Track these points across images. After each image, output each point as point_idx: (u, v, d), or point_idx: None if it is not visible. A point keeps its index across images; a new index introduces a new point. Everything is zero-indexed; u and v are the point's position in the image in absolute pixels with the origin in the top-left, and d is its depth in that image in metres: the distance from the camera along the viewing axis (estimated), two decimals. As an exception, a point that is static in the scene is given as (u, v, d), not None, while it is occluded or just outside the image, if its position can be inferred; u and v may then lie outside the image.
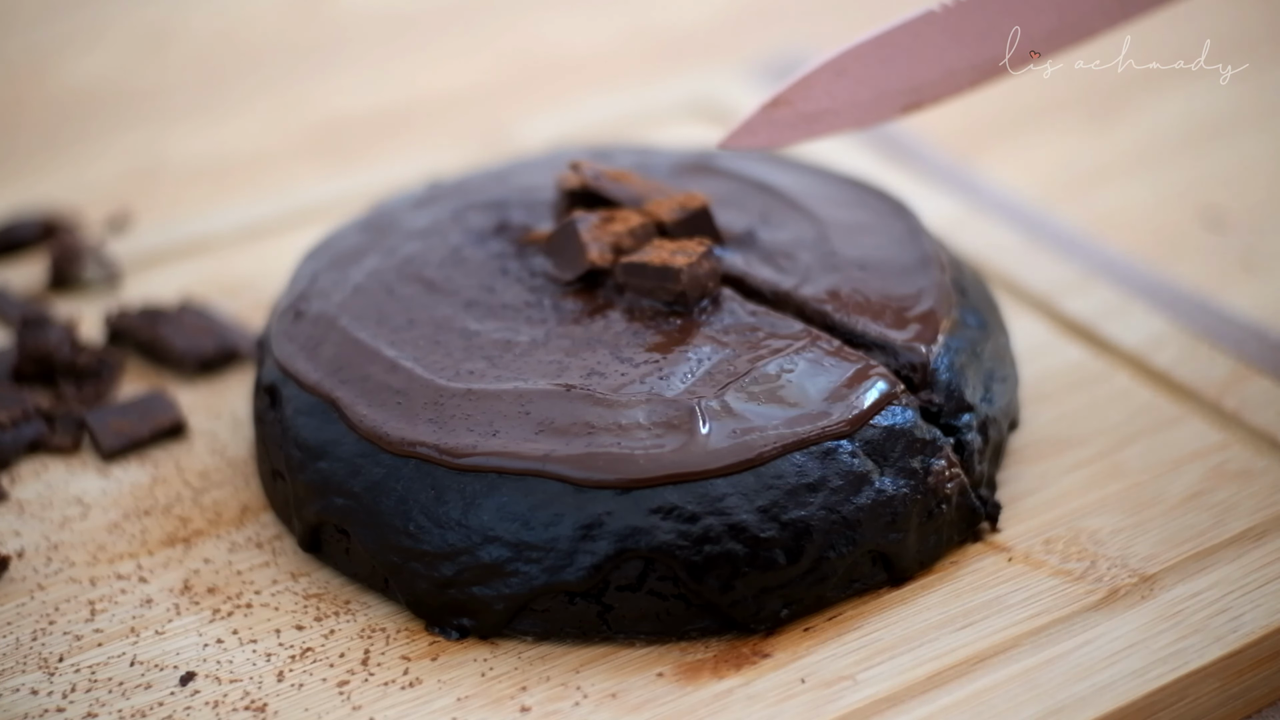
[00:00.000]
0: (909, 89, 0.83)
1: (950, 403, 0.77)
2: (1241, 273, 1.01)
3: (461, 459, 0.72)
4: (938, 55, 0.83)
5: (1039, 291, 0.94)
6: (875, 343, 0.78)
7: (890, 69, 0.83)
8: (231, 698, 0.71)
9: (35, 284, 0.99)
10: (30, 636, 0.74)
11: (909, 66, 0.83)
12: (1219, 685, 0.71)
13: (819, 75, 0.82)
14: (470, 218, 0.87)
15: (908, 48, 0.82)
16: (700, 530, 0.71)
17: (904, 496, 0.74)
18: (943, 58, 0.83)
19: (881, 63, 0.82)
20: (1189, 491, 0.79)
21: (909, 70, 0.83)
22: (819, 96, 0.83)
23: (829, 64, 0.82)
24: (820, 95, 0.83)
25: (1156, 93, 1.21)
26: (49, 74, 1.33)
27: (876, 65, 0.82)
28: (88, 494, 0.82)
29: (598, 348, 0.77)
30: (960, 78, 0.84)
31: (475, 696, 0.70)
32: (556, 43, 1.39)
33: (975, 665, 0.71)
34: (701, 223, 0.83)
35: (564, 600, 0.72)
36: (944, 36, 0.82)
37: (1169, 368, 0.87)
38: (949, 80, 0.84)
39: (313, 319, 0.81)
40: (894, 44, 0.82)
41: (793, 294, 0.81)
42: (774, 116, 0.82)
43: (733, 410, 0.73)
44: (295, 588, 0.76)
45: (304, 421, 0.77)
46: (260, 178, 1.17)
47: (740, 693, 0.70)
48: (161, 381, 0.90)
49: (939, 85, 0.84)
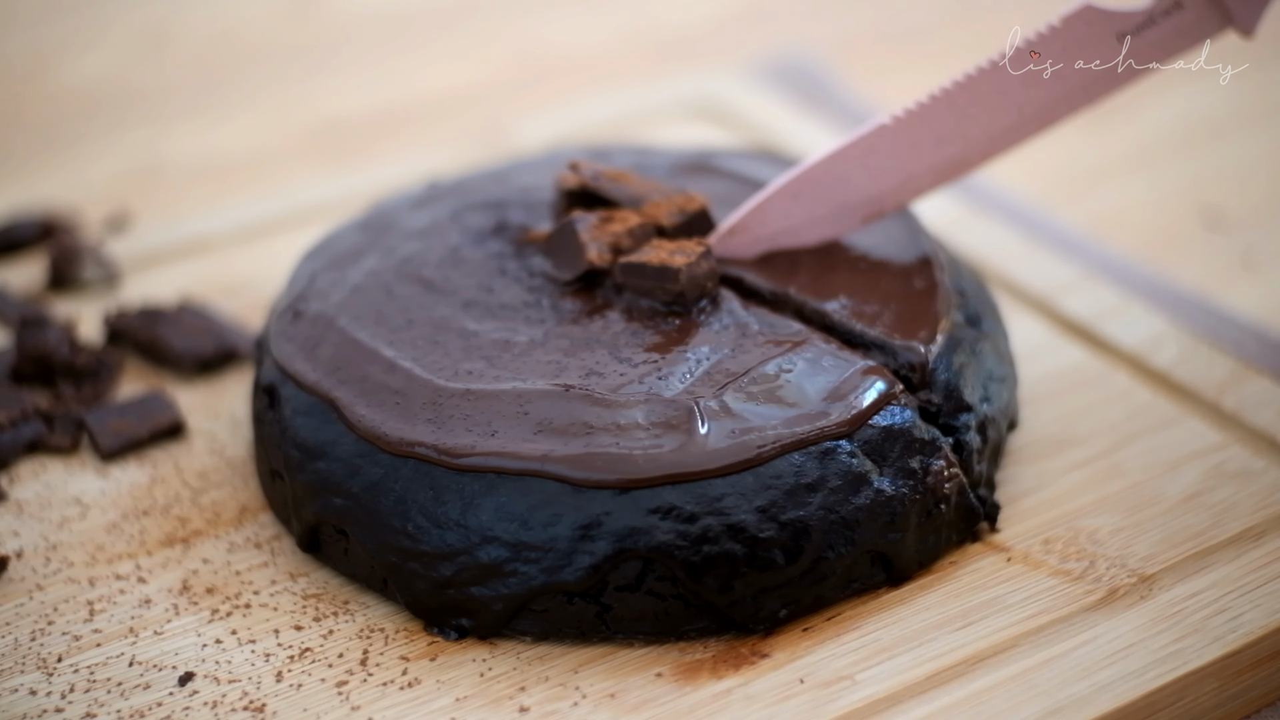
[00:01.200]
0: (868, 200, 0.83)
1: (949, 403, 0.77)
2: (1241, 273, 1.01)
3: (460, 459, 0.72)
4: (895, 165, 0.82)
5: (1038, 291, 0.94)
6: (874, 343, 0.78)
7: (846, 185, 0.83)
8: (230, 698, 0.71)
9: (34, 284, 0.99)
10: (29, 637, 0.74)
11: (866, 179, 0.83)
12: (1218, 685, 0.71)
13: (774, 201, 0.82)
14: (469, 218, 0.87)
15: (862, 162, 0.82)
16: (699, 530, 0.71)
17: (903, 496, 0.74)
18: (900, 166, 0.83)
19: (837, 180, 0.82)
20: (1188, 491, 0.79)
21: (866, 183, 0.83)
22: (775, 220, 0.83)
23: (783, 189, 0.82)
24: (777, 218, 0.83)
25: (1156, 93, 1.21)
26: (48, 74, 1.33)
27: (832, 183, 0.82)
28: (86, 494, 0.82)
29: (596, 348, 0.77)
30: (920, 181, 0.83)
31: (474, 697, 0.70)
32: (555, 43, 1.39)
33: (974, 665, 0.71)
34: (700, 225, 0.83)
35: (563, 600, 0.72)
36: (899, 146, 0.82)
37: (1168, 368, 0.87)
38: (909, 185, 0.83)
39: (311, 319, 0.81)
40: (847, 160, 0.82)
41: (791, 295, 0.81)
42: (730, 242, 0.83)
43: (731, 410, 0.73)
44: (294, 588, 0.76)
45: (302, 422, 0.77)
46: (259, 178, 1.17)
47: (739, 693, 0.70)
48: (160, 382, 0.90)
49: (899, 192, 0.84)
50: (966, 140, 0.82)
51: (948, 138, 0.82)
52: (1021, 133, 0.82)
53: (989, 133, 0.82)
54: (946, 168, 0.83)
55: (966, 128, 0.82)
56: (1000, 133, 0.82)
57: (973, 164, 0.83)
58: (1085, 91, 0.82)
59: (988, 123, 0.82)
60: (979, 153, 0.83)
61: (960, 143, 0.82)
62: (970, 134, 0.82)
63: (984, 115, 0.82)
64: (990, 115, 0.82)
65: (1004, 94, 0.81)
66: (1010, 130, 0.82)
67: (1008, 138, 0.82)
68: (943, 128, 0.82)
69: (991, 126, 0.82)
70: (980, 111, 0.81)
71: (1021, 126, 0.82)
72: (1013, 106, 0.81)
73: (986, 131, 0.82)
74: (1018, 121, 0.82)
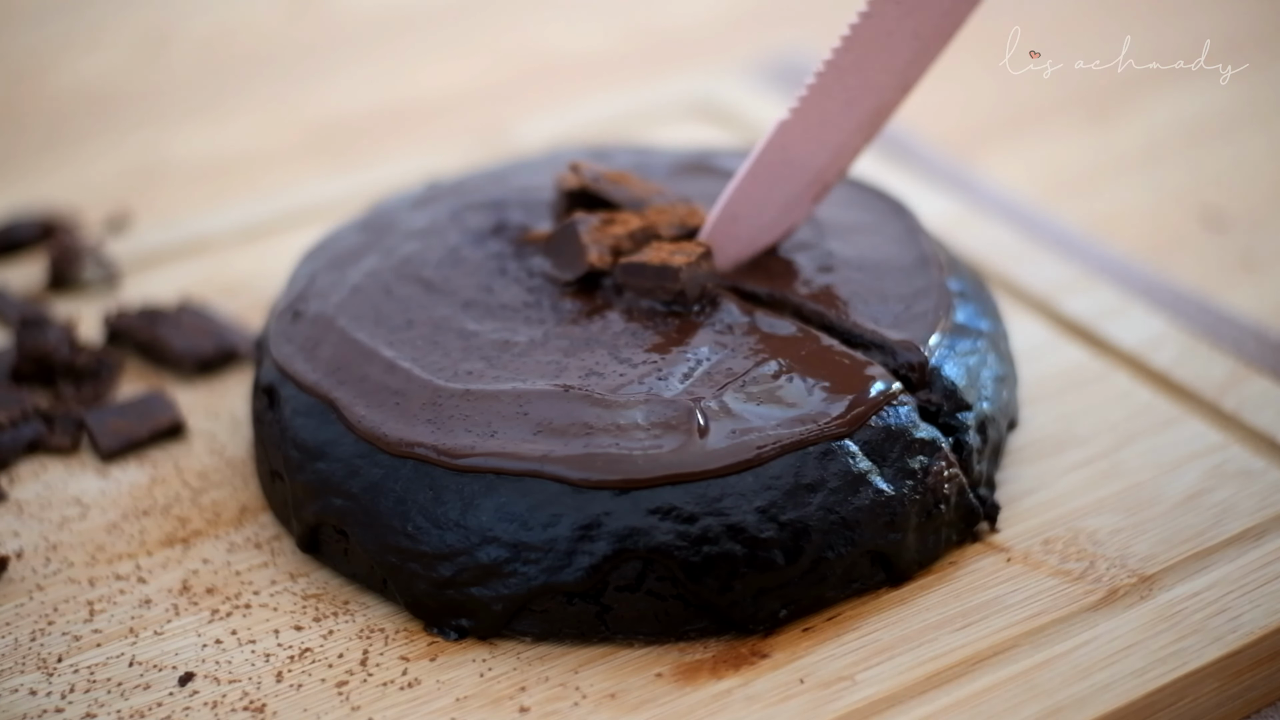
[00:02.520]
0: (810, 183, 0.83)
1: (949, 402, 0.77)
2: (1241, 273, 1.01)
3: (460, 459, 0.72)
4: (817, 146, 0.81)
5: (1038, 291, 0.94)
6: (873, 343, 0.78)
7: (778, 185, 0.82)
8: (230, 698, 0.71)
9: (34, 284, 0.99)
10: (29, 637, 0.74)
11: (795, 172, 0.82)
12: (1218, 685, 0.71)
13: (715, 232, 0.82)
14: (468, 218, 0.87)
15: (783, 161, 0.81)
16: (699, 531, 0.71)
17: (902, 496, 0.74)
18: (824, 142, 0.81)
19: (766, 186, 0.82)
20: (1188, 492, 0.79)
21: (798, 174, 0.82)
22: (727, 242, 0.82)
23: (717, 220, 0.82)
24: (727, 242, 0.82)
25: (1156, 93, 1.21)
26: (49, 74, 1.33)
27: (763, 191, 0.82)
28: (86, 494, 0.82)
29: (596, 348, 0.77)
30: (854, 139, 0.82)
31: (474, 697, 0.70)
32: (555, 43, 1.39)
33: (974, 665, 0.71)
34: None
35: (562, 600, 0.72)
36: (810, 130, 0.81)
37: (1168, 368, 0.87)
38: (846, 149, 0.82)
39: (311, 319, 0.81)
40: (767, 166, 0.81)
41: (790, 295, 0.81)
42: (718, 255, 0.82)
43: (731, 410, 0.73)
44: (294, 588, 0.76)
45: (302, 422, 0.77)
46: (259, 178, 1.17)
47: (739, 693, 0.70)
48: (160, 382, 0.90)
49: (840, 158, 0.82)
50: (878, 88, 0.80)
51: (857, 97, 0.80)
52: (927, 55, 0.80)
53: (895, 71, 0.80)
54: (874, 116, 0.81)
55: (871, 78, 0.80)
56: (905, 66, 0.80)
57: (895, 104, 0.81)
58: (955, 4, 0.78)
59: (889, 63, 0.79)
60: (895, 92, 0.80)
61: (873, 92, 0.80)
62: (878, 81, 0.80)
63: (882, 59, 0.79)
64: (888, 56, 0.79)
65: (891, 33, 0.78)
66: (914, 60, 0.80)
67: (916, 66, 0.80)
68: (848, 90, 0.80)
69: (894, 65, 0.80)
70: (877, 58, 0.79)
71: (924, 50, 0.79)
72: (907, 39, 0.79)
73: (892, 72, 0.80)
74: (919, 48, 0.79)
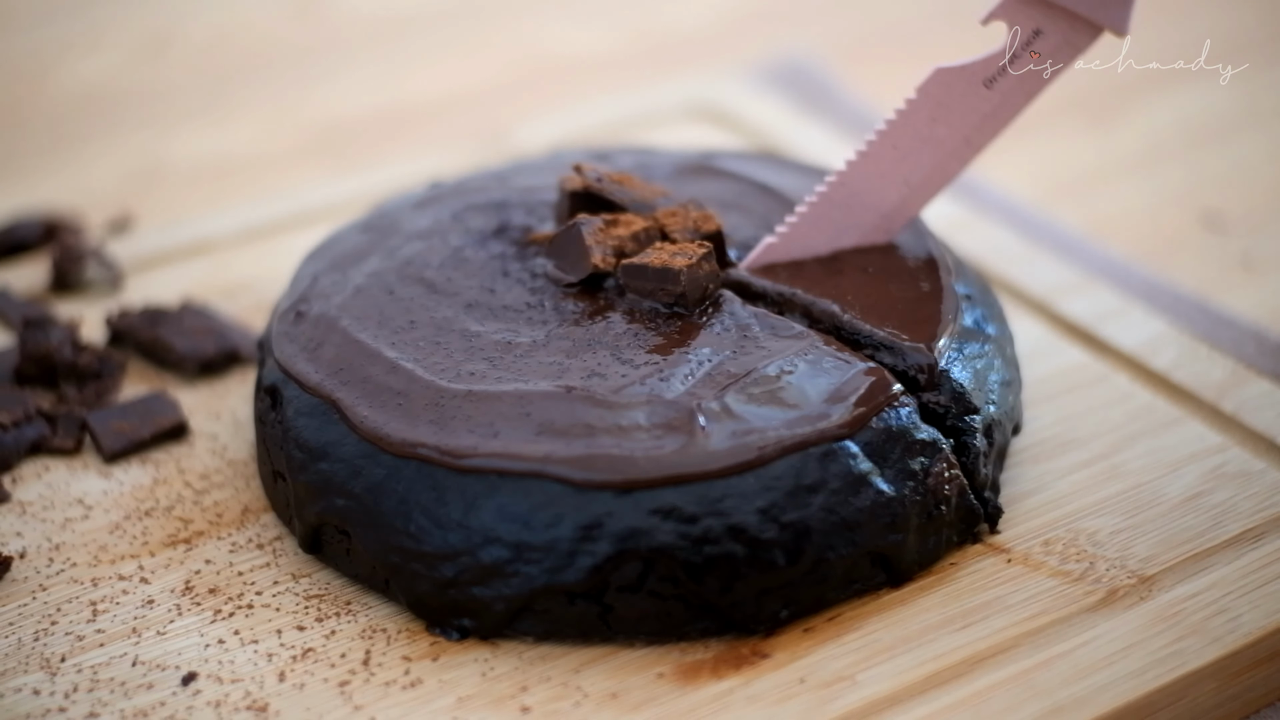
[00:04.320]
0: (874, 225, 0.84)
1: (957, 405, 0.77)
2: (1241, 274, 1.01)
3: (462, 460, 0.73)
4: (885, 190, 0.83)
5: (1039, 293, 0.94)
6: (883, 343, 0.78)
7: (838, 223, 0.83)
8: (233, 698, 0.71)
9: (37, 285, 0.99)
10: (32, 637, 0.74)
11: (860, 212, 0.83)
12: (1217, 686, 0.71)
13: (764, 255, 0.83)
14: (471, 219, 0.87)
15: (849, 198, 0.83)
16: (700, 531, 0.71)
17: (903, 498, 0.74)
18: (890, 189, 0.83)
19: (827, 222, 0.83)
20: (1188, 493, 0.79)
21: (863, 214, 0.83)
22: (768, 255, 0.83)
23: (766, 249, 0.83)
24: (769, 255, 0.83)
25: (1156, 93, 1.21)
26: (51, 77, 1.33)
27: (822, 226, 0.83)
28: (89, 495, 0.82)
29: (598, 349, 0.77)
30: (919, 194, 0.84)
31: (476, 696, 0.71)
32: (556, 45, 1.39)
33: (974, 666, 0.71)
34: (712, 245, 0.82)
35: (564, 601, 0.72)
36: (879, 173, 0.82)
37: (1168, 369, 0.87)
38: (912, 201, 0.84)
39: (313, 320, 0.81)
40: (832, 201, 0.82)
41: (799, 296, 0.81)
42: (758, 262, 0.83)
43: (732, 412, 0.73)
44: (296, 588, 0.76)
45: (305, 423, 0.77)
46: (261, 179, 1.18)
47: (740, 693, 0.70)
48: (163, 383, 0.90)
49: (906, 207, 0.84)
50: (943, 147, 0.82)
51: (919, 150, 0.82)
52: (997, 123, 0.82)
53: (961, 134, 0.82)
54: (934, 177, 0.83)
55: (937, 138, 0.82)
56: (971, 133, 0.82)
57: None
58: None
59: (955, 129, 0.82)
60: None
61: (939, 148, 0.82)
62: (943, 140, 0.82)
63: (951, 121, 0.82)
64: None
65: (963, 97, 0.81)
66: (980, 127, 0.82)
67: (982, 135, 0.82)
68: (912, 144, 0.82)
69: (962, 129, 0.82)
70: (944, 122, 0.82)
71: (993, 118, 0.82)
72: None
73: (958, 135, 0.82)
74: (987, 117, 0.82)
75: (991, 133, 0.83)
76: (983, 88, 0.81)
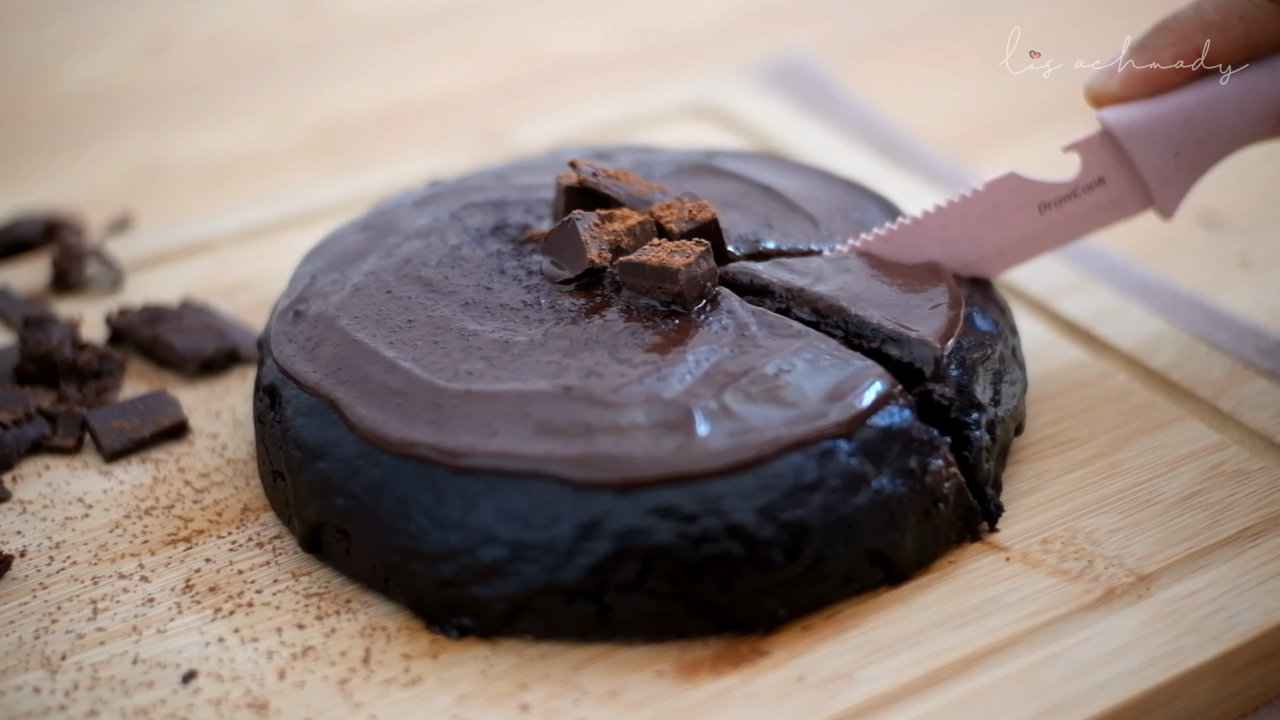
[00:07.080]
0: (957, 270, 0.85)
1: (961, 397, 0.77)
2: (1239, 273, 1.02)
3: (461, 459, 0.73)
4: (970, 245, 0.85)
5: (1038, 292, 0.94)
6: (890, 335, 0.78)
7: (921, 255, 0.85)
8: (233, 696, 0.71)
9: (37, 284, 0.99)
10: (33, 635, 0.74)
11: (947, 255, 0.85)
12: (1215, 684, 0.71)
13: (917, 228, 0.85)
14: (469, 217, 0.88)
15: (938, 241, 0.84)
16: (698, 530, 0.71)
17: (901, 496, 0.74)
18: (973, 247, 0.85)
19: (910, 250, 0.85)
20: (1186, 491, 0.79)
21: (948, 259, 0.85)
22: None
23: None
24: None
25: (1155, 94, 1.21)
26: (51, 76, 1.33)
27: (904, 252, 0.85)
28: (89, 494, 0.82)
29: (596, 348, 0.77)
30: (1001, 258, 0.86)
31: (476, 694, 0.71)
32: (556, 45, 1.40)
33: (973, 664, 0.71)
34: (709, 236, 0.82)
35: (563, 600, 0.72)
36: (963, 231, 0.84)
37: (1167, 368, 0.87)
38: (999, 259, 0.86)
39: (312, 320, 0.82)
40: (908, 233, 0.84)
41: (807, 290, 0.81)
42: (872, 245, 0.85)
43: (731, 411, 0.73)
44: (296, 587, 0.77)
45: (304, 422, 0.77)
46: (261, 179, 1.18)
47: (739, 691, 0.70)
48: (162, 382, 0.90)
49: (991, 265, 0.85)
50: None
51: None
52: None
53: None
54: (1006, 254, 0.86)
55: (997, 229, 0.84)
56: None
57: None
58: (1001, 257, 0.85)
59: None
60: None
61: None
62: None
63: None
64: None
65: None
66: None
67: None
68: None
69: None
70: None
71: None
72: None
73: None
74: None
75: (1022, 256, 0.85)
76: (1036, 210, 0.84)
